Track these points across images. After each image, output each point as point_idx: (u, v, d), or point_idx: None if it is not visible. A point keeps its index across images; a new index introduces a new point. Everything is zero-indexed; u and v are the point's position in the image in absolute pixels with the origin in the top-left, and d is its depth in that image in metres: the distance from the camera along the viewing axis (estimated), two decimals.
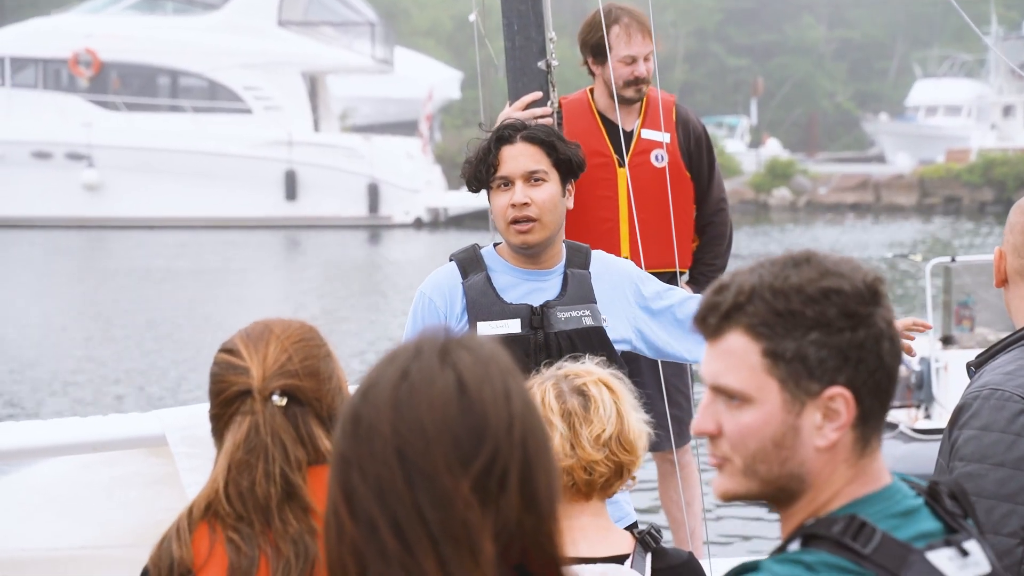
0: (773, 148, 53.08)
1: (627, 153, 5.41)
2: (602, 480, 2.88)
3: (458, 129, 48.36)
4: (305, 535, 2.40)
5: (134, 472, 3.61)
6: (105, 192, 37.68)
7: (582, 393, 2.89)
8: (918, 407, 10.52)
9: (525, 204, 3.89)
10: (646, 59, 5.40)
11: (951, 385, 10.49)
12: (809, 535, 1.70)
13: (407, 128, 44.65)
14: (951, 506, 1.78)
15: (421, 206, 38.08)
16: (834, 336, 1.71)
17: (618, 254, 5.34)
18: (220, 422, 2.47)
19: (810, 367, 1.71)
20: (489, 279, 3.97)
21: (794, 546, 1.71)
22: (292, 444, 2.41)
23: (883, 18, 71.16)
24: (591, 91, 5.52)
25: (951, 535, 1.74)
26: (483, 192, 4.00)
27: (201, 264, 28.72)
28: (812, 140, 62.61)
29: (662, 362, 4.80)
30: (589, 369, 2.96)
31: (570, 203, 4.01)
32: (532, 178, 3.91)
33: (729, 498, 1.75)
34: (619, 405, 2.90)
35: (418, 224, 37.62)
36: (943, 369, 10.74)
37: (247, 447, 2.42)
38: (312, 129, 39.14)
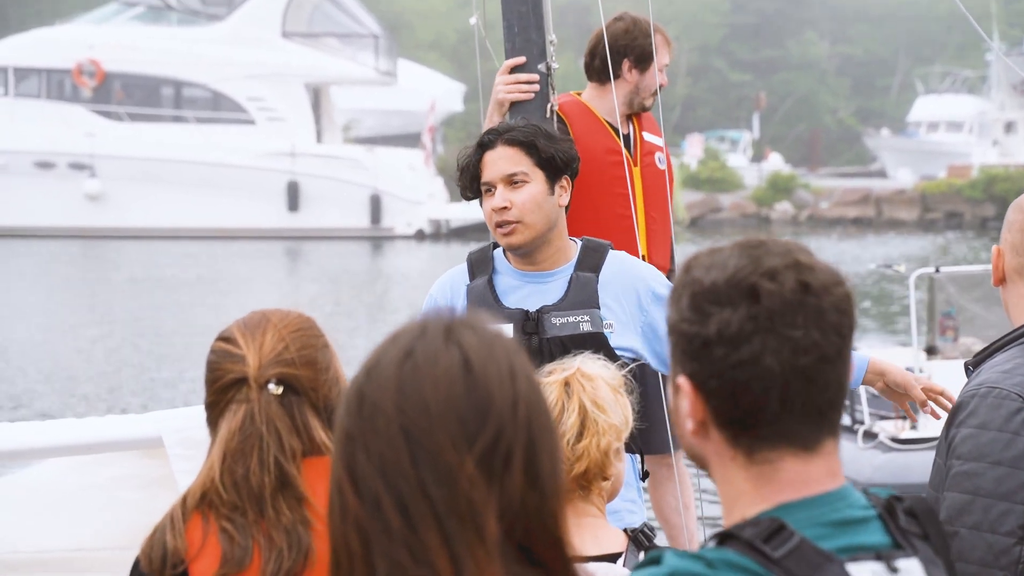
0: (775, 162, 53.12)
1: (635, 154, 5.45)
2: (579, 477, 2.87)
3: (461, 141, 48.39)
4: (299, 525, 2.38)
5: (130, 474, 3.60)
6: (108, 202, 37.71)
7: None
8: (904, 418, 10.52)
9: (504, 208, 3.89)
10: (661, 69, 5.51)
11: None
12: (725, 535, 1.65)
13: (410, 140, 44.70)
14: (905, 523, 1.69)
15: (423, 218, 38.10)
16: (680, 327, 1.67)
17: (636, 252, 5.36)
18: (215, 410, 2.46)
19: (674, 351, 1.69)
20: (491, 282, 3.98)
21: (710, 544, 1.65)
22: (287, 433, 2.40)
23: (885, 34, 71.26)
24: (579, 94, 5.54)
25: (889, 550, 1.66)
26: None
27: (203, 274, 28.73)
28: (814, 155, 62.64)
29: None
30: (564, 364, 2.94)
31: (564, 199, 4.00)
32: (512, 181, 3.91)
33: None
34: (585, 406, 2.88)
35: (420, 236, 37.63)
36: (927, 379, 10.75)
37: (242, 435, 2.41)
38: (315, 140, 39.19)
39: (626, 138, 5.50)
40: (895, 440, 10.50)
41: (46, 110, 38.56)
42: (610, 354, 3.82)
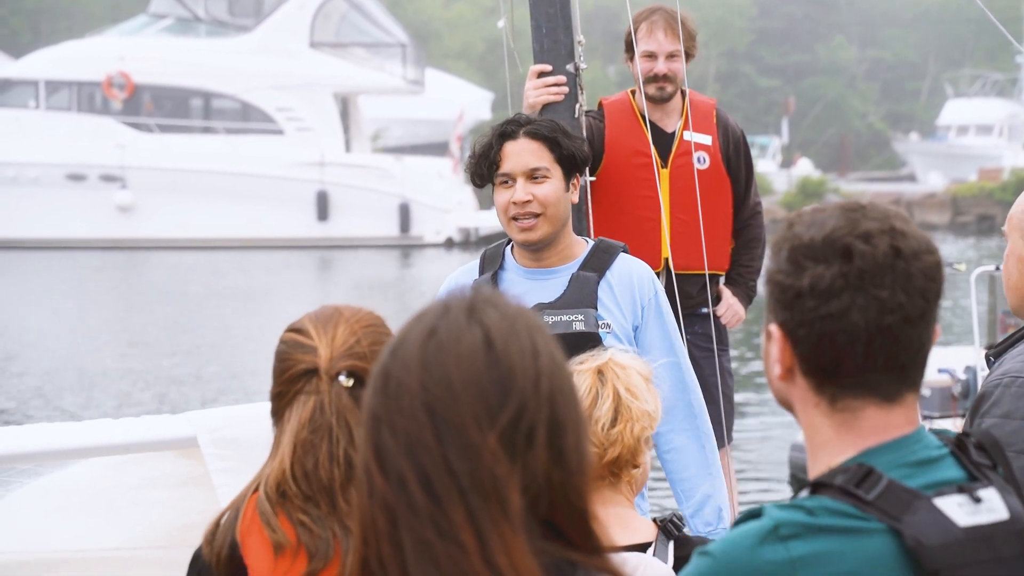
0: (805, 168, 52.96)
1: (669, 154, 5.42)
2: (610, 463, 2.89)
3: None
4: None
5: (165, 474, 3.63)
6: (138, 213, 37.86)
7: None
8: (963, 416, 10.44)
9: (527, 201, 3.90)
10: (668, 57, 5.38)
11: None
12: (817, 484, 1.75)
13: (438, 149, 44.75)
14: (977, 456, 1.80)
15: (452, 226, 38.14)
16: (776, 277, 1.79)
17: (659, 255, 5.35)
18: (282, 400, 2.45)
19: (768, 300, 1.81)
20: (495, 277, 4.00)
21: (803, 494, 1.75)
22: (357, 426, 2.38)
23: (915, 38, 70.97)
24: (632, 92, 5.52)
25: (968, 483, 1.77)
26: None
27: (233, 284, 28.82)
28: (844, 160, 62.43)
29: (700, 361, 4.79)
30: (593, 364, 2.96)
31: (575, 198, 4.01)
32: (534, 175, 3.92)
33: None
34: (619, 392, 2.90)
35: (449, 244, 37.67)
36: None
37: (312, 427, 2.40)
38: (344, 150, 39.26)
39: (670, 136, 5.47)
40: None
41: (77, 122, 38.72)
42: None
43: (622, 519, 2.92)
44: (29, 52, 42.02)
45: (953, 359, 11.01)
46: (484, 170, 3.98)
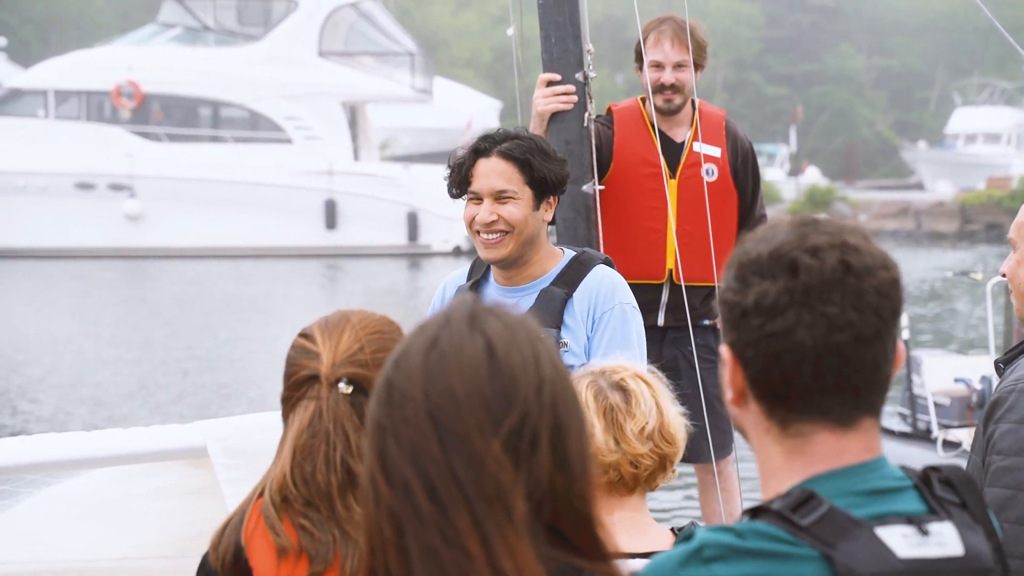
0: (813, 176, 52.95)
1: (678, 165, 5.41)
2: (647, 473, 2.91)
3: None
4: None
5: (175, 483, 3.63)
6: (147, 222, 37.92)
7: (622, 388, 2.92)
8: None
9: (492, 222, 3.95)
10: (676, 67, 5.36)
11: None
12: (756, 510, 1.68)
13: (446, 157, 44.43)
14: (941, 491, 1.71)
15: (460, 234, 38.10)
16: (725, 295, 1.72)
17: (663, 266, 5.35)
18: (287, 405, 2.48)
19: (721, 320, 1.74)
20: (477, 288, 4.08)
21: (744, 519, 1.68)
22: (355, 432, 2.40)
23: (923, 47, 70.93)
24: (642, 100, 5.50)
25: (921, 515, 1.68)
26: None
27: (241, 293, 28.85)
28: (852, 168, 62.38)
29: (701, 372, 4.79)
30: (624, 365, 2.99)
31: (549, 215, 4.03)
32: (500, 196, 3.95)
33: None
34: (657, 398, 2.93)
35: (457, 252, 37.69)
36: None
37: (310, 432, 2.42)
38: (352, 158, 39.31)
39: (679, 147, 5.46)
40: None
41: (86, 132, 38.80)
42: None
43: (639, 526, 2.94)
44: (38, 62, 42.11)
45: (970, 369, 10.96)
46: (456, 182, 4.05)
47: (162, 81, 38.86)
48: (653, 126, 5.35)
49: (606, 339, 3.96)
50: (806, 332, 1.65)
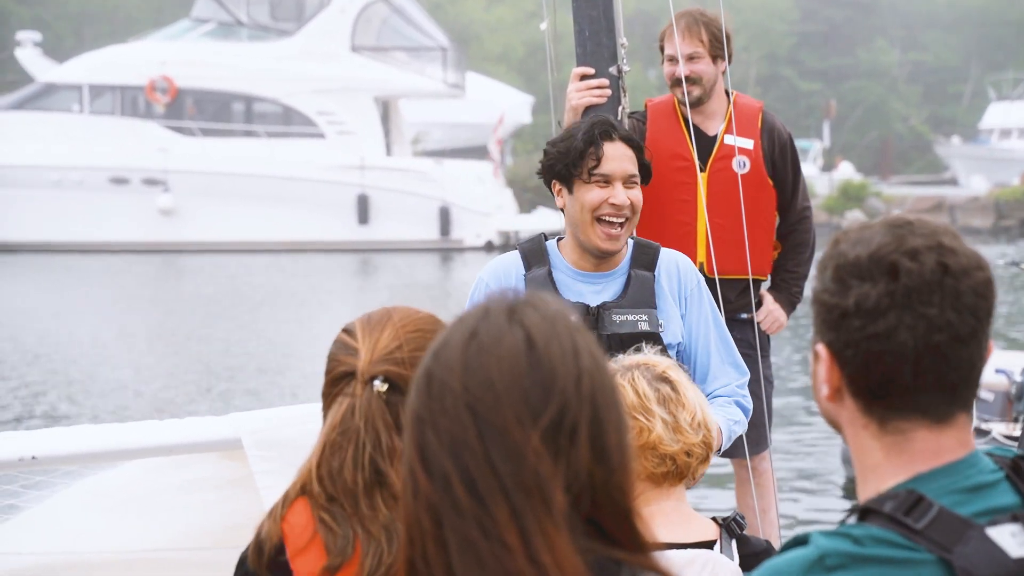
0: (846, 171, 52.73)
1: (709, 158, 5.40)
2: (697, 462, 2.92)
3: (529, 153, 48.45)
4: (397, 523, 2.35)
5: (209, 475, 3.65)
6: (180, 217, 38.08)
7: (666, 380, 2.93)
8: (1016, 420, 10.32)
9: (625, 206, 3.92)
10: (689, 59, 5.35)
11: None
12: (865, 510, 1.71)
13: (478, 152, 44.79)
14: None
15: (492, 229, 38.18)
16: (822, 296, 1.76)
17: (694, 259, 5.34)
18: (327, 400, 2.47)
19: (815, 319, 1.77)
20: (551, 275, 3.99)
21: (851, 521, 1.72)
22: (386, 431, 2.38)
23: (957, 41, 70.56)
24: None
25: (1022, 510, 1.71)
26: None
27: (275, 287, 28.94)
28: (885, 164, 62.15)
29: None
30: (655, 359, 2.99)
31: None
32: (629, 181, 3.93)
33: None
34: (695, 390, 2.95)
35: (489, 247, 37.71)
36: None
37: (342, 429, 2.41)
38: (384, 153, 39.37)
39: (711, 140, 5.45)
40: (1008, 438, 10.33)
41: (120, 126, 38.99)
42: (663, 352, 3.85)
43: (684, 516, 2.95)
44: (73, 57, 42.30)
45: (1013, 360, 10.87)
46: (566, 167, 3.94)
47: (196, 76, 39.01)
48: (686, 120, 5.34)
49: (703, 317, 4.05)
50: (907, 333, 1.70)
